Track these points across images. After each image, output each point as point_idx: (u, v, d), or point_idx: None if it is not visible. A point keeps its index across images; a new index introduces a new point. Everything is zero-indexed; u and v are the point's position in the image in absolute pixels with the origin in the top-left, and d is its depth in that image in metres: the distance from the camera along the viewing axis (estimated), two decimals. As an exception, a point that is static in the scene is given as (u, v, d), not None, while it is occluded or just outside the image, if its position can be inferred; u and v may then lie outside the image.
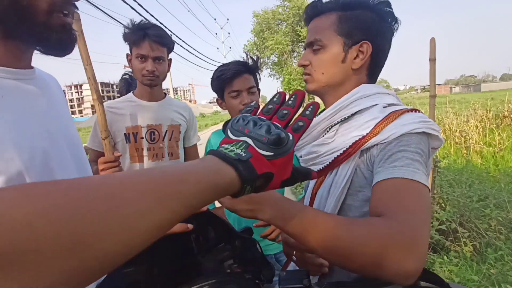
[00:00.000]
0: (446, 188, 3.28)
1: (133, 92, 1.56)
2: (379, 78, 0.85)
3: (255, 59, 1.37)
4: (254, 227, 0.60)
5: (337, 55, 0.76)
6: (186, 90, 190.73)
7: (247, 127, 0.41)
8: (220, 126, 1.36)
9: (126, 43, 1.46)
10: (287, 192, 1.33)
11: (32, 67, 0.66)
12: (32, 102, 0.62)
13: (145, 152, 1.50)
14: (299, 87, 25.08)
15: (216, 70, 1.36)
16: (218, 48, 48.50)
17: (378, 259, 0.49)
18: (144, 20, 1.48)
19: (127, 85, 2.08)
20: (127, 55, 1.49)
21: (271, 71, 29.40)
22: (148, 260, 0.53)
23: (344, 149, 0.71)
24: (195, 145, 1.69)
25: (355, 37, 0.75)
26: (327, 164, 0.75)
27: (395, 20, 0.78)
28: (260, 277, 0.59)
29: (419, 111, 0.71)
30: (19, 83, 0.61)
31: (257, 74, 1.38)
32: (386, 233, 0.51)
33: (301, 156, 0.85)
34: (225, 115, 55.55)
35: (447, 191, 3.19)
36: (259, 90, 1.42)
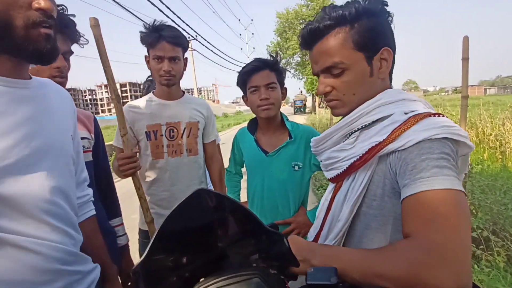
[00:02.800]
0: (478, 194, 3.12)
1: (153, 92, 1.62)
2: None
3: (274, 56, 1.38)
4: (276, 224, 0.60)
5: (363, 71, 0.73)
6: (209, 90, 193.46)
7: None
8: (242, 126, 1.39)
9: (143, 45, 1.52)
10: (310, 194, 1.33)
11: (28, 77, 0.73)
12: (15, 106, 0.67)
13: (165, 149, 1.55)
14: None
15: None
16: (242, 49, 48.77)
17: (414, 285, 0.49)
18: (163, 21, 1.51)
19: (151, 86, 2.17)
20: (145, 56, 1.55)
21: (294, 72, 29.18)
22: (177, 249, 0.55)
23: (361, 154, 0.69)
24: (214, 141, 1.73)
25: (373, 47, 0.72)
26: (344, 170, 0.74)
27: (389, 13, 0.74)
28: (285, 273, 0.60)
29: (443, 116, 0.65)
30: (8, 89, 0.66)
31: (280, 71, 1.38)
32: (412, 256, 0.51)
33: (321, 161, 0.85)
34: (248, 115, 55.64)
35: (479, 197, 3.03)
36: (285, 89, 1.42)
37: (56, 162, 0.74)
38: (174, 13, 9.13)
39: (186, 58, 1.60)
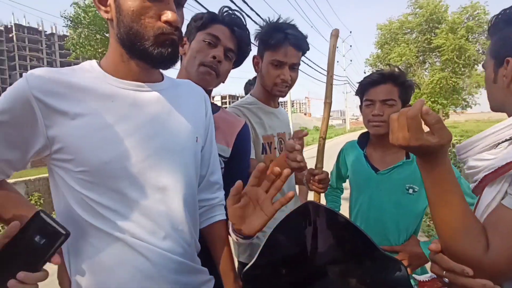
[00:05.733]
0: None
1: (251, 95, 1.42)
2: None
3: (400, 70, 1.26)
4: (384, 249, 0.56)
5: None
6: (302, 103, 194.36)
7: None
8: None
9: (258, 44, 1.31)
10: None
11: (160, 79, 0.78)
12: (139, 108, 0.72)
13: None
14: (428, 103, 21.93)
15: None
16: (337, 62, 47.71)
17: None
18: (287, 18, 1.33)
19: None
20: (254, 57, 1.33)
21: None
22: (280, 259, 0.56)
23: (496, 168, 0.63)
24: None
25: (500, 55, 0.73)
26: (479, 181, 0.69)
27: None
28: None
29: None
30: (135, 93, 0.72)
31: (405, 86, 1.23)
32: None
33: (465, 170, 0.79)
34: (340, 129, 53.49)
35: None
36: (409, 107, 1.23)
37: (176, 164, 0.75)
38: (265, 21, 9.51)
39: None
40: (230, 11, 1.05)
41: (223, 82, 1.08)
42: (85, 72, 0.71)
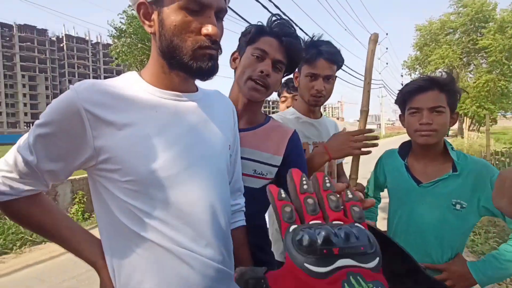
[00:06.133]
0: None
1: (293, 107, 1.53)
2: None
3: (449, 74, 1.16)
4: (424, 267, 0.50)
5: None
6: (334, 108, 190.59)
7: (328, 245, 0.29)
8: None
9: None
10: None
11: (195, 90, 0.80)
12: (180, 118, 0.73)
13: None
14: (473, 107, 20.41)
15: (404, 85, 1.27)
16: (372, 65, 46.16)
17: None
18: (321, 35, 1.43)
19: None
20: (294, 73, 1.42)
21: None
22: None
23: None
24: (341, 164, 1.64)
25: None
26: None
27: None
28: None
29: None
30: (175, 102, 0.74)
31: (453, 92, 1.15)
32: None
33: None
34: (374, 134, 51.22)
35: None
36: (456, 113, 1.18)
37: (214, 172, 0.77)
38: (303, 31, 9.53)
39: (336, 77, 1.48)
40: (278, 20, 1.05)
41: (275, 91, 1.10)
42: (128, 83, 0.72)
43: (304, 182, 0.36)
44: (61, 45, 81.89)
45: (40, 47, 76.73)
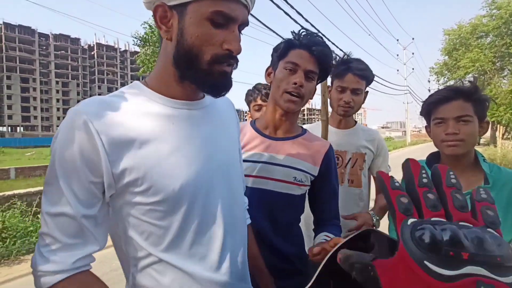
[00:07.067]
0: None
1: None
2: None
3: (473, 83, 1.12)
4: None
5: None
6: (357, 114, 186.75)
7: (456, 248, 0.26)
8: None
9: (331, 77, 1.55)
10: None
11: (203, 96, 0.76)
12: (196, 128, 0.71)
13: None
14: (507, 115, 19.30)
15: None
16: (398, 70, 45.00)
17: None
18: (351, 54, 1.57)
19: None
20: (328, 86, 1.61)
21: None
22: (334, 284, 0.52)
23: None
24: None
25: None
26: None
27: None
28: None
29: None
30: (189, 112, 0.71)
31: (480, 101, 1.10)
32: None
33: None
34: (399, 141, 49.92)
35: None
36: (486, 122, 1.14)
37: (233, 178, 0.77)
38: (328, 39, 9.43)
39: (367, 92, 1.60)
40: (305, 32, 1.10)
41: (311, 98, 1.17)
42: (136, 96, 0.68)
43: (424, 176, 0.33)
44: (92, 53, 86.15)
45: (73, 55, 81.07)
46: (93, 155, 0.58)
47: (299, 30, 1.11)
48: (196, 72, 0.66)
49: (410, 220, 0.30)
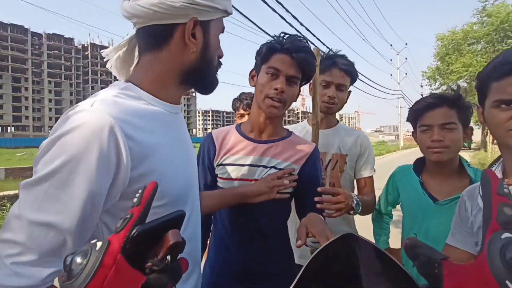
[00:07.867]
0: None
1: (307, 120, 1.59)
2: None
3: (456, 91, 1.15)
4: None
5: None
6: (351, 117, 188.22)
7: None
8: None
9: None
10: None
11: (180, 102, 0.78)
12: (182, 131, 0.76)
13: None
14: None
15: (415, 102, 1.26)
16: (391, 75, 45.50)
17: None
18: (339, 50, 1.53)
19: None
20: (309, 84, 1.43)
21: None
22: None
23: None
24: (369, 178, 1.51)
25: None
26: None
27: None
28: None
29: None
30: (176, 115, 0.74)
31: (463, 108, 1.14)
32: None
33: None
34: (392, 145, 50.25)
35: None
36: (470, 128, 1.17)
37: (197, 184, 0.83)
38: (323, 43, 9.49)
39: (350, 91, 1.55)
40: (289, 36, 1.08)
41: (295, 101, 1.14)
42: (136, 99, 0.64)
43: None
44: (86, 53, 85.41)
45: (66, 55, 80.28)
46: (117, 160, 0.54)
47: (280, 33, 1.09)
48: (207, 77, 0.74)
49: (505, 235, 0.27)
